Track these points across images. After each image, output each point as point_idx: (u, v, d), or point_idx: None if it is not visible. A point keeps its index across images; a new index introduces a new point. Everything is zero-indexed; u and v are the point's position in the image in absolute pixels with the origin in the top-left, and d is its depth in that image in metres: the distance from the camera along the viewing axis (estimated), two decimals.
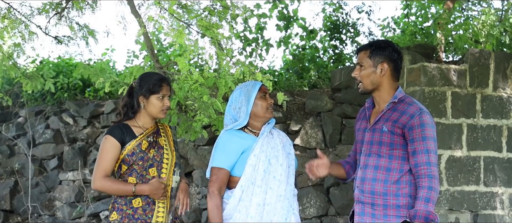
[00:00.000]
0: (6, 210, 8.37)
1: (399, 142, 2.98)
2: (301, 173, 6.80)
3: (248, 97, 3.17)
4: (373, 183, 3.01)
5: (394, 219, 2.96)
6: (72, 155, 8.23)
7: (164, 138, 3.31)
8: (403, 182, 2.98)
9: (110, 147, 3.17)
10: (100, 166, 3.16)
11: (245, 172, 3.08)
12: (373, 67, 3.03)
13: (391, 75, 3.05)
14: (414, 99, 3.09)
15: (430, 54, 6.39)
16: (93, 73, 5.53)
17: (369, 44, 3.10)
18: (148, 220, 3.16)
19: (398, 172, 2.97)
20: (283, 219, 3.07)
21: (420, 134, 2.93)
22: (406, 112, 2.99)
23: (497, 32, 6.62)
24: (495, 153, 5.84)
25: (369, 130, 3.08)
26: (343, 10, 9.09)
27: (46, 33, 5.71)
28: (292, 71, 9.10)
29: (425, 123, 2.95)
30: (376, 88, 3.07)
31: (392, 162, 2.99)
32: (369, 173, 3.03)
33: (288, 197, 3.13)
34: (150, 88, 3.22)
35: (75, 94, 8.78)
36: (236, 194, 3.08)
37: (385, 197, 2.98)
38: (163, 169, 3.24)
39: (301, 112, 7.44)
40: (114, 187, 3.16)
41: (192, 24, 4.80)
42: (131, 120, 3.27)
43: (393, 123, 2.98)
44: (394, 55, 3.05)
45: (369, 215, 3.01)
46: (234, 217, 3.07)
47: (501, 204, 5.81)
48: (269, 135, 3.20)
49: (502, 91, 5.90)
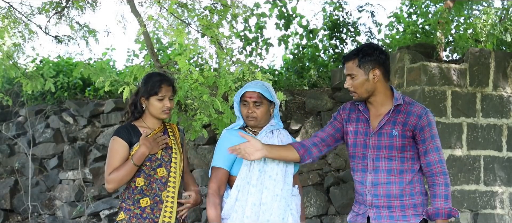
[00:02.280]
0: (6, 209, 8.38)
1: (409, 144, 2.99)
2: (301, 172, 6.81)
3: (237, 101, 3.22)
4: (388, 186, 3.01)
5: (413, 218, 2.99)
6: (72, 154, 8.23)
7: (172, 138, 3.32)
8: (415, 181, 3.02)
9: (118, 148, 3.17)
10: (110, 166, 3.16)
11: (241, 171, 3.09)
12: (365, 75, 2.98)
13: (383, 78, 3.03)
14: (411, 98, 3.10)
15: (431, 54, 6.39)
16: (93, 73, 5.53)
17: (355, 53, 3.01)
18: (155, 219, 3.16)
19: (411, 172, 3.00)
20: (280, 219, 3.06)
21: (429, 133, 2.97)
22: (412, 112, 2.99)
23: (497, 31, 6.61)
24: (495, 152, 5.84)
25: (374, 134, 3.04)
26: (343, 9, 9.08)
27: (46, 32, 5.70)
28: (292, 70, 9.10)
29: (431, 122, 3.00)
30: (372, 94, 3.04)
31: (404, 164, 3.00)
32: (382, 177, 3.02)
33: (285, 196, 3.12)
34: (149, 89, 3.22)
35: (75, 94, 8.78)
36: (233, 194, 3.09)
37: (402, 199, 3.00)
38: (171, 168, 3.24)
39: (301, 111, 7.44)
40: (120, 174, 3.14)
41: (192, 23, 4.80)
42: (138, 120, 3.28)
43: (403, 126, 2.98)
44: (382, 57, 3.01)
45: (387, 218, 3.02)
46: (232, 216, 3.08)
47: (501, 203, 5.81)
48: (268, 134, 3.20)
49: (502, 90, 5.89)
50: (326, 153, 5.85)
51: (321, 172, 6.86)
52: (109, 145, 3.22)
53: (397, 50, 6.46)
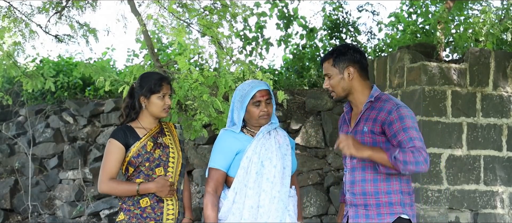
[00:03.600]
0: (6, 209, 8.38)
1: (381, 140, 2.97)
2: (301, 172, 6.81)
3: (242, 104, 3.14)
4: (363, 184, 3.01)
5: (388, 217, 2.96)
6: (72, 154, 8.24)
7: (169, 137, 3.31)
8: (393, 179, 2.98)
9: (114, 150, 3.18)
10: (105, 169, 3.17)
11: (238, 174, 3.08)
12: (340, 74, 3.04)
13: (359, 76, 3.06)
14: (391, 96, 3.07)
15: (431, 53, 6.39)
16: (95, 71, 5.53)
17: (330, 53, 3.10)
18: (157, 218, 3.17)
19: (385, 169, 2.95)
20: (278, 220, 3.06)
21: (400, 126, 2.90)
22: (383, 108, 2.98)
23: (497, 31, 6.61)
24: (495, 152, 5.83)
25: (351, 133, 3.07)
26: (343, 9, 9.08)
27: (46, 32, 5.71)
28: (292, 70, 9.10)
29: (404, 116, 2.92)
30: (349, 93, 3.08)
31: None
32: (358, 174, 3.03)
33: (283, 198, 3.10)
34: (150, 88, 3.22)
35: (75, 93, 8.79)
36: (230, 197, 3.08)
37: (377, 196, 2.98)
38: (169, 167, 3.24)
39: (301, 110, 7.44)
40: (119, 188, 3.18)
41: (192, 23, 4.80)
42: (134, 121, 3.27)
43: (373, 122, 2.98)
44: (357, 56, 3.05)
45: (363, 216, 3.01)
46: (229, 219, 3.08)
47: (501, 203, 5.81)
48: (266, 136, 3.17)
49: (502, 90, 5.89)
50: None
51: (321, 171, 6.87)
52: (106, 147, 3.24)
53: (397, 50, 6.46)
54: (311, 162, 6.91)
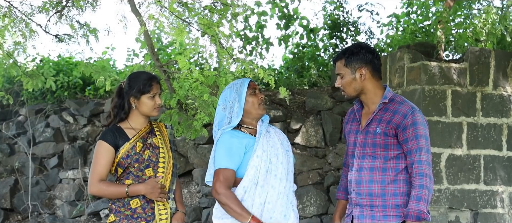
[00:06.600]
0: (6, 208, 8.37)
1: (393, 142, 2.97)
2: (301, 172, 6.81)
3: (239, 94, 3.14)
4: (370, 185, 3.00)
5: (394, 219, 2.96)
6: (72, 154, 8.24)
7: (159, 137, 3.29)
8: (400, 181, 2.98)
9: (104, 152, 3.16)
10: (95, 171, 3.16)
11: (248, 173, 3.06)
12: (352, 74, 3.03)
13: (372, 77, 3.05)
14: (404, 98, 3.08)
15: (431, 53, 6.40)
16: (95, 71, 5.53)
17: (343, 53, 3.08)
18: (148, 218, 3.15)
19: (394, 171, 2.96)
20: (282, 215, 3.07)
21: (412, 133, 2.92)
22: (399, 111, 2.98)
23: (497, 30, 6.61)
24: (495, 152, 5.84)
25: (362, 132, 3.06)
26: (344, 8, 9.08)
27: (46, 31, 5.70)
28: (292, 69, 9.10)
29: (418, 122, 2.94)
30: (361, 92, 3.07)
31: (387, 162, 2.99)
32: (365, 175, 3.02)
33: (287, 193, 3.13)
34: (140, 88, 3.20)
35: (75, 93, 8.79)
36: (239, 195, 3.07)
37: (384, 198, 2.98)
38: (159, 168, 3.22)
39: (301, 110, 7.44)
40: (109, 190, 3.16)
41: (193, 22, 4.80)
42: (124, 121, 3.25)
43: (386, 124, 2.97)
44: (369, 56, 3.04)
45: (369, 217, 3.01)
46: None
47: (501, 202, 5.81)
48: (267, 134, 3.19)
49: (502, 89, 5.90)
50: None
51: (321, 171, 6.87)
52: (95, 148, 3.22)
53: (397, 49, 6.46)
54: (311, 162, 6.91)
